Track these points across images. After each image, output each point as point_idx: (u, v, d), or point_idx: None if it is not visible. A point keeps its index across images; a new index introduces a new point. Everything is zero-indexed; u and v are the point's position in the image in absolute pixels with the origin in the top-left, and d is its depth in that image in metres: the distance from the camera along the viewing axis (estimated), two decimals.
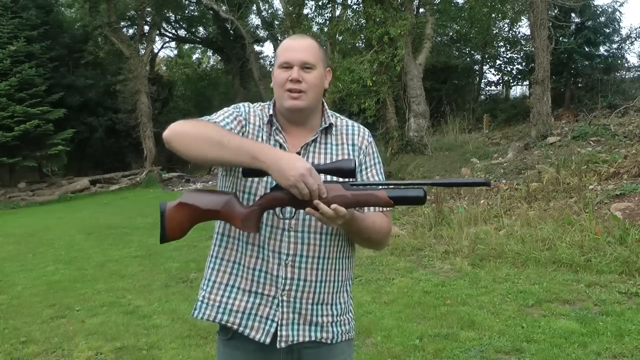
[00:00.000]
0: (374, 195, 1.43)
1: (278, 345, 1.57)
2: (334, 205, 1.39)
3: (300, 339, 1.59)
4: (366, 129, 1.72)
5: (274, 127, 1.63)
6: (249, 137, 1.61)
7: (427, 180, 1.45)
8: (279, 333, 1.57)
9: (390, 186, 1.46)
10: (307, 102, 1.59)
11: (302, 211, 1.54)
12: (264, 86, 19.18)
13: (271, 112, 1.65)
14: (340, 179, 1.48)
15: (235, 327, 1.60)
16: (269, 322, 1.58)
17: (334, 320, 1.63)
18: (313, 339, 1.60)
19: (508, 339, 3.72)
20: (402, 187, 1.46)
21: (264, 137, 1.62)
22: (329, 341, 1.62)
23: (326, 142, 1.64)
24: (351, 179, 1.47)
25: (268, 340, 1.58)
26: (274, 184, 1.48)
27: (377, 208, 1.61)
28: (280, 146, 1.61)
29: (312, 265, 1.58)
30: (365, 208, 1.59)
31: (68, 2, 23.19)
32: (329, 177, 1.51)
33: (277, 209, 1.52)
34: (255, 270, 1.59)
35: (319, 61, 1.60)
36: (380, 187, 1.45)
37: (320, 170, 1.44)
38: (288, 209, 1.52)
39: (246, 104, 1.70)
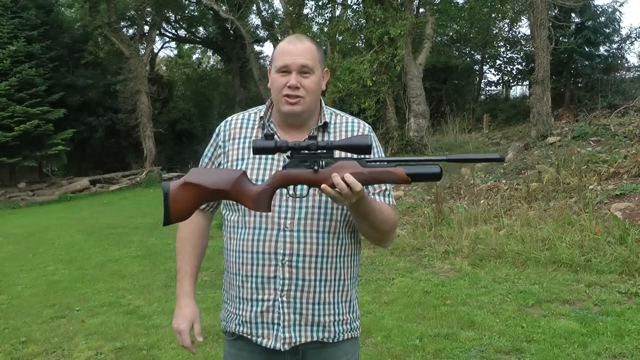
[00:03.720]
0: (390, 172, 1.38)
1: (282, 348, 1.57)
2: (350, 179, 1.34)
3: (303, 340, 1.58)
4: (367, 125, 1.69)
5: (265, 129, 1.64)
6: (232, 155, 1.64)
7: (441, 156, 1.42)
8: (281, 335, 1.57)
9: (406, 162, 1.41)
10: (305, 107, 1.58)
11: (298, 210, 1.54)
12: (264, 86, 19.14)
13: (261, 114, 1.66)
14: (356, 156, 1.44)
15: (249, 337, 1.62)
16: (275, 326, 1.58)
17: (337, 319, 1.62)
18: (315, 339, 1.60)
19: (508, 339, 3.72)
20: (418, 163, 1.41)
21: None
22: (331, 340, 1.61)
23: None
24: (367, 156, 1.43)
25: (278, 345, 1.58)
26: (286, 162, 1.47)
27: (385, 196, 1.61)
28: None
29: (310, 265, 1.56)
30: (373, 194, 1.58)
31: (68, 2, 23.16)
32: (344, 154, 1.48)
33: (290, 188, 1.48)
34: (252, 277, 1.59)
35: (317, 64, 1.58)
36: (396, 164, 1.41)
37: (336, 146, 1.41)
38: (299, 187, 1.49)
39: (228, 119, 1.72)
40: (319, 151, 1.42)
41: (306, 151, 1.42)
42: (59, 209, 14.28)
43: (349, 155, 1.46)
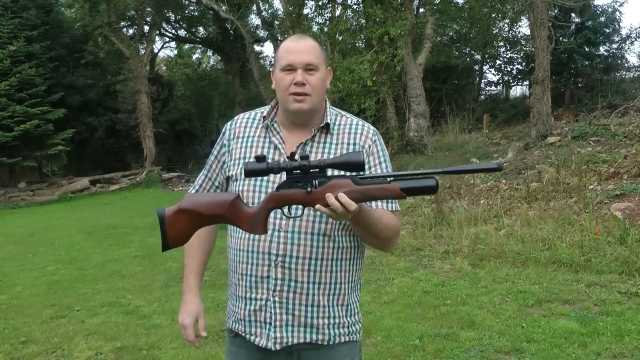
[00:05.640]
0: (384, 188, 1.37)
1: (273, 348, 1.58)
2: (343, 199, 1.33)
3: (295, 341, 1.58)
4: (371, 127, 1.67)
5: (269, 129, 1.64)
6: (235, 154, 1.65)
7: (437, 169, 1.40)
8: (272, 335, 1.57)
9: (401, 177, 1.40)
10: (311, 105, 1.58)
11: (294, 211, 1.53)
12: (264, 86, 19.17)
13: (265, 114, 1.66)
14: (349, 173, 1.42)
15: (243, 334, 1.64)
16: (267, 325, 1.58)
17: (331, 322, 1.60)
18: (308, 340, 1.59)
19: (508, 339, 3.72)
20: (413, 177, 1.39)
21: (261, 143, 1.64)
22: (325, 343, 1.60)
23: (325, 141, 1.62)
24: (360, 173, 1.41)
25: (270, 344, 1.58)
26: (280, 182, 1.47)
27: (387, 202, 1.59)
28: (275, 147, 1.61)
29: (304, 267, 1.55)
30: (373, 203, 1.55)
31: (68, 2, 23.17)
32: (337, 172, 1.47)
33: (285, 208, 1.47)
34: (246, 275, 1.60)
35: (321, 62, 1.59)
36: (390, 178, 1.40)
37: (329, 164, 1.40)
38: (294, 207, 1.48)
39: (235, 119, 1.73)
40: (311, 171, 1.40)
41: (299, 171, 1.41)
42: (59, 209, 14.27)
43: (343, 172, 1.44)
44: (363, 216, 1.43)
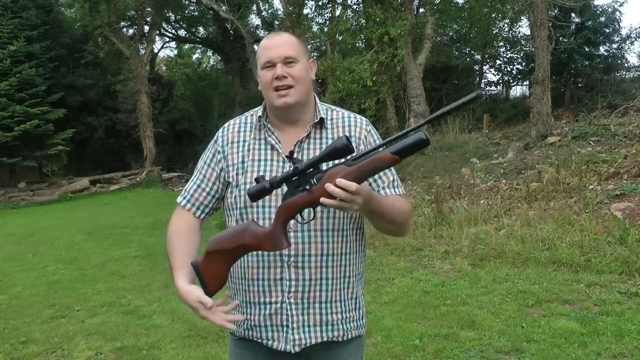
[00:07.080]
0: (376, 158, 1.37)
1: (292, 350, 1.56)
2: (342, 183, 1.33)
3: (313, 341, 1.58)
4: (363, 118, 1.68)
5: (263, 130, 1.63)
6: (232, 159, 1.62)
7: (421, 121, 1.40)
8: (290, 337, 1.56)
9: (389, 143, 1.38)
10: (297, 97, 1.56)
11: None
12: None
13: (260, 114, 1.64)
14: (341, 160, 1.42)
15: (260, 340, 1.61)
16: (284, 328, 1.57)
17: (344, 317, 1.62)
18: (325, 339, 1.59)
19: (508, 339, 3.72)
20: (400, 137, 1.36)
21: (257, 145, 1.62)
22: (340, 339, 1.61)
23: (321, 137, 1.62)
24: (351, 156, 1.41)
25: (289, 347, 1.57)
26: (284, 193, 1.47)
27: (393, 187, 1.60)
28: (272, 148, 1.60)
29: (317, 264, 1.56)
30: (382, 191, 1.58)
31: (68, 2, 23.18)
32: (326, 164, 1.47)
33: (297, 215, 1.47)
34: (259, 280, 1.58)
35: (300, 54, 1.58)
36: (381, 148, 1.38)
37: (319, 159, 1.40)
38: (305, 211, 1.48)
39: (225, 126, 1.70)
40: (308, 172, 1.41)
41: (296, 177, 1.42)
42: (59, 209, 14.28)
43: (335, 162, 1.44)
44: (376, 204, 1.45)
